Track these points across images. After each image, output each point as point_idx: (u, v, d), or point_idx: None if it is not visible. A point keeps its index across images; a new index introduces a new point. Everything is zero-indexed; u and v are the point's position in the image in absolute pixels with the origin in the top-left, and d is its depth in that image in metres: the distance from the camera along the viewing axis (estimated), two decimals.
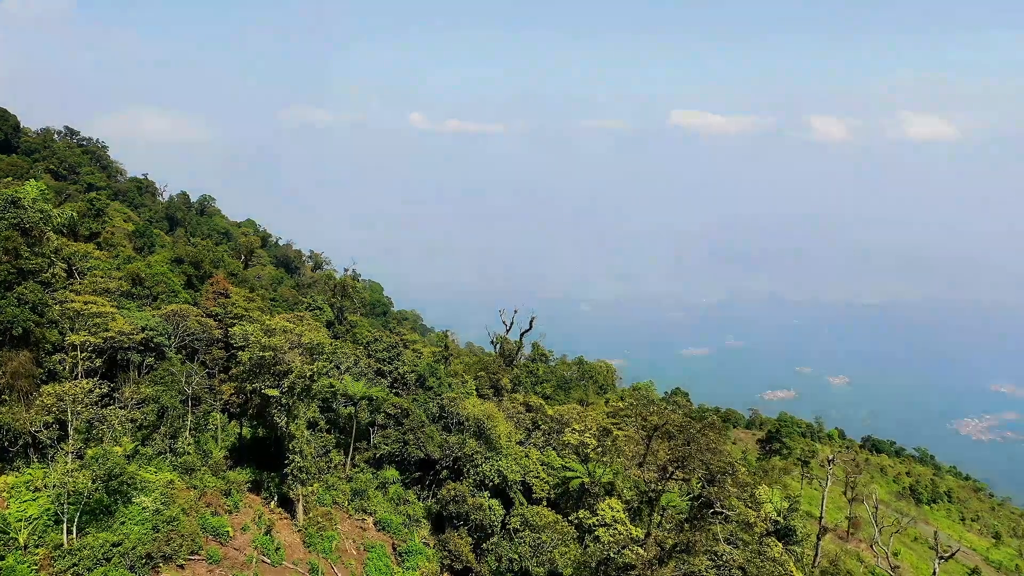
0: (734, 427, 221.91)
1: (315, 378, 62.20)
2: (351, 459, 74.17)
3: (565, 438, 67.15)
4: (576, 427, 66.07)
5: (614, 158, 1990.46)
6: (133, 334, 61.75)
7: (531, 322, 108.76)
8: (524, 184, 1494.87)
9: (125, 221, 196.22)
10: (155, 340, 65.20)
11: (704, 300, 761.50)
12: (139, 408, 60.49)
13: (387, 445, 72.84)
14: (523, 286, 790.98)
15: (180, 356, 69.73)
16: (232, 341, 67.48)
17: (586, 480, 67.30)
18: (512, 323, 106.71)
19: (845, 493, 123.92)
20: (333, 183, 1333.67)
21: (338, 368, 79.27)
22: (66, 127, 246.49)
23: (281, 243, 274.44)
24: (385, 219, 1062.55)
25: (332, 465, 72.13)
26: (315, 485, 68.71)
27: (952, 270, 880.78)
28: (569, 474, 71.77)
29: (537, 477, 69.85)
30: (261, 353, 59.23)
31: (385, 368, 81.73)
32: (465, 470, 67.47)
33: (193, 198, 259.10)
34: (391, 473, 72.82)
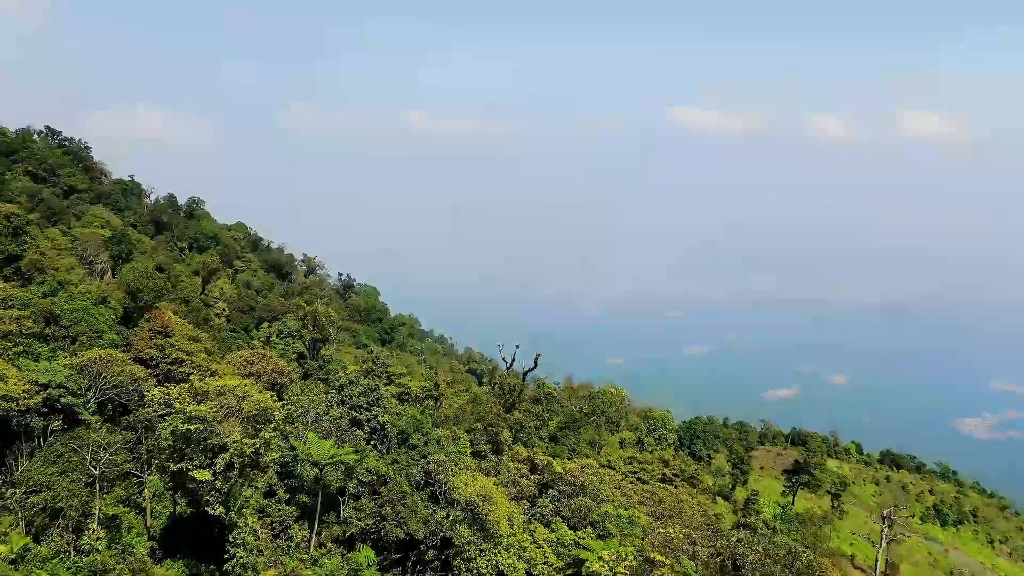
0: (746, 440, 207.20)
1: (262, 453, 47.35)
2: (317, 535, 59.25)
3: (589, 566, 51.93)
4: (604, 555, 50.91)
5: (614, 157, 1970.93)
6: (27, 396, 46.82)
7: (536, 360, 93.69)
8: (523, 183, 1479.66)
9: (103, 227, 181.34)
10: (63, 400, 50.18)
11: (704, 299, 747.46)
12: (29, 496, 45.56)
13: (360, 520, 57.85)
14: (523, 286, 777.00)
15: (99, 418, 54.64)
16: (148, 411, 52.18)
17: (605, 572, 52.46)
18: (513, 359, 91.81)
19: (883, 532, 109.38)
20: (332, 183, 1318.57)
21: (305, 415, 64.36)
22: (47, 127, 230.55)
23: (274, 246, 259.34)
24: (385, 219, 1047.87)
25: (293, 544, 57.27)
26: (270, 573, 53.98)
27: (952, 269, 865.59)
28: (583, 554, 57.12)
29: (546, 563, 55.16)
30: (186, 426, 44.30)
31: (361, 417, 66.84)
32: (455, 565, 52.68)
33: (189, 198, 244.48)
34: (366, 554, 57.89)
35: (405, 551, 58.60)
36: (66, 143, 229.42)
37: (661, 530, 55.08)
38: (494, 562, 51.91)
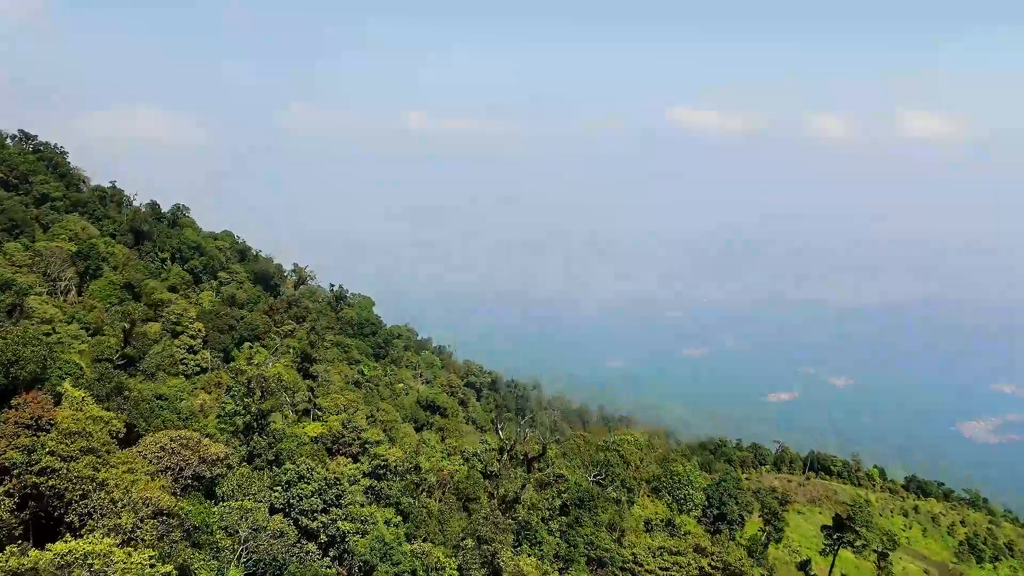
0: (761, 465, 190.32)
1: None
2: None
3: None
4: None
5: (614, 157, 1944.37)
6: None
7: (544, 448, 75.33)
8: (523, 183, 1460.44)
9: (71, 239, 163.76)
10: None
11: (704, 300, 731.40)
12: None
13: None
14: (523, 286, 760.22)
15: None
16: None
17: None
18: (514, 442, 73.37)
19: None
20: (332, 183, 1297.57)
21: (241, 522, 46.96)
22: (20, 131, 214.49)
23: (263, 255, 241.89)
24: (385, 219, 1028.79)
25: None
26: None
27: (953, 269, 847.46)
28: None
29: None
30: None
31: (314, 524, 49.51)
32: None
33: (174, 205, 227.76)
34: None
35: None
36: (41, 148, 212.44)
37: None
38: None
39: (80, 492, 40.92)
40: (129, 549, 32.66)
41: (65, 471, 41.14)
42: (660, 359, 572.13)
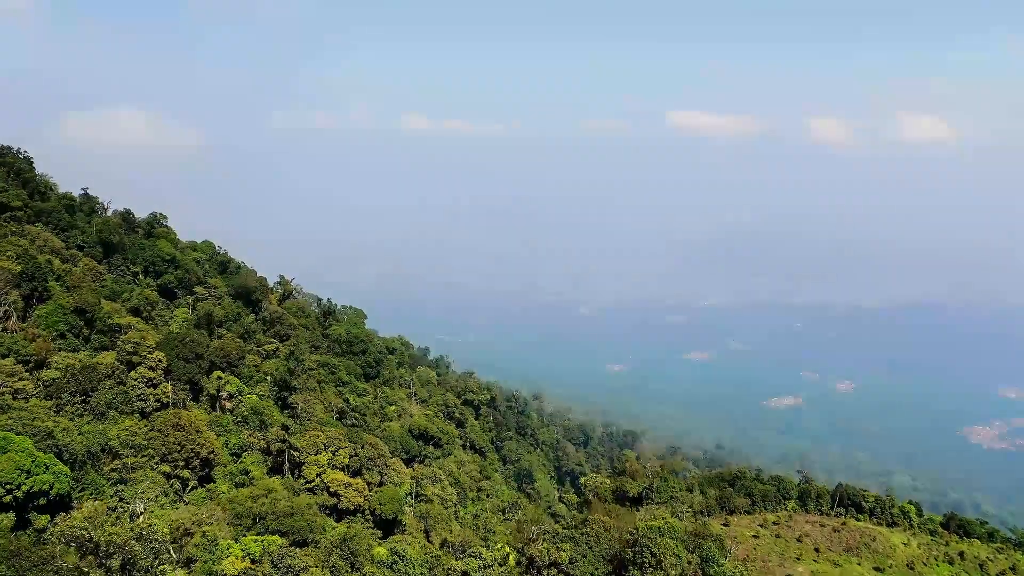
0: (785, 499, 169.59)
1: None
2: None
3: None
4: None
5: (615, 160, 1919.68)
6: None
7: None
8: (523, 184, 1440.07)
9: (15, 259, 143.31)
10: None
11: (705, 303, 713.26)
12: None
13: None
14: (523, 288, 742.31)
15: None
16: None
17: None
18: None
19: None
20: (330, 186, 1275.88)
21: None
22: None
23: (247, 266, 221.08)
24: (384, 221, 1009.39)
25: None
26: None
27: (955, 272, 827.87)
28: None
29: None
30: None
31: None
32: None
33: (150, 214, 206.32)
34: None
35: None
36: (3, 153, 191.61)
37: None
38: None
39: None
40: None
41: None
42: (661, 364, 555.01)
